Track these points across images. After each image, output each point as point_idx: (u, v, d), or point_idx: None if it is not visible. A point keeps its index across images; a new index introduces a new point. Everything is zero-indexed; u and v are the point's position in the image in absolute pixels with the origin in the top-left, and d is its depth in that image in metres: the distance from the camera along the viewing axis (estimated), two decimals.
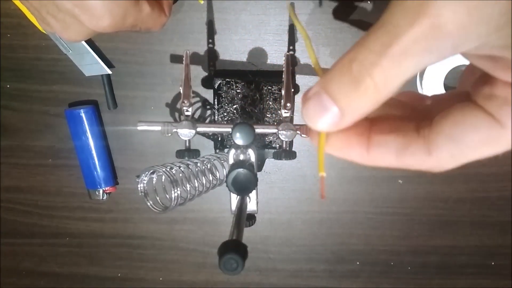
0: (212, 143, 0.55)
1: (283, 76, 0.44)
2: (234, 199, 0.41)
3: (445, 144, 0.19)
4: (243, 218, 0.34)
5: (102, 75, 0.54)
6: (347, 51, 0.18)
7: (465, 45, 0.16)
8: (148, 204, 0.44)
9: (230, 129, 0.39)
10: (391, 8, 0.16)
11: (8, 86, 0.56)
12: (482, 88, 0.18)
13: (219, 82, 0.51)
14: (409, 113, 0.22)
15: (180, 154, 0.43)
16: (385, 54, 0.16)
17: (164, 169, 0.42)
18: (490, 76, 0.18)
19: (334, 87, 0.18)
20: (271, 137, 0.53)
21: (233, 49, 0.53)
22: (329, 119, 0.18)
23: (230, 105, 0.52)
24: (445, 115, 0.19)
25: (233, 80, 0.51)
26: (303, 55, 0.53)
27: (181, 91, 0.43)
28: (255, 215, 0.43)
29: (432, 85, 0.51)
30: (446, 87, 0.51)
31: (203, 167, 0.47)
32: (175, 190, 0.42)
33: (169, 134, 0.42)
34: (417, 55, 0.16)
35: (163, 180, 0.43)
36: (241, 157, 0.40)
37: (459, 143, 0.18)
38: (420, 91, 0.53)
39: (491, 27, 0.16)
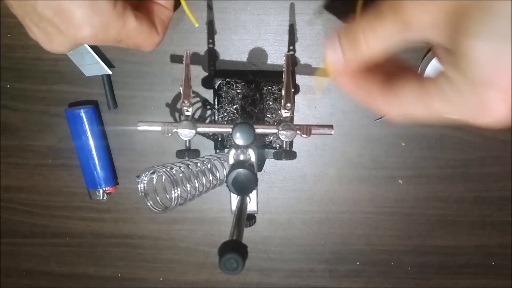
0: (212, 143, 0.55)
1: (283, 76, 0.44)
2: (234, 199, 0.41)
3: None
4: (243, 218, 0.34)
5: (102, 75, 0.54)
6: (357, 18, 0.27)
7: (424, 37, 0.25)
8: (148, 204, 0.44)
9: (230, 129, 0.39)
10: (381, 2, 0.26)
11: (8, 86, 0.56)
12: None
13: (219, 82, 0.51)
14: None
15: (180, 154, 0.43)
16: (376, 27, 0.26)
17: (164, 169, 0.42)
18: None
19: (342, 38, 0.28)
20: (271, 137, 0.53)
21: (233, 49, 0.53)
22: (335, 57, 0.28)
23: (230, 105, 0.52)
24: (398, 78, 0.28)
25: (233, 80, 0.51)
26: (303, 55, 0.53)
27: (181, 91, 0.43)
28: (255, 215, 0.43)
29: None
30: None
31: (203, 167, 0.47)
32: (175, 190, 0.42)
33: (169, 134, 0.42)
34: (391, 35, 0.26)
35: (163, 180, 0.43)
36: (241, 157, 0.40)
37: (399, 97, 0.28)
38: None
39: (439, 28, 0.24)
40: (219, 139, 0.53)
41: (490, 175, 0.57)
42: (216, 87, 0.51)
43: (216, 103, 0.52)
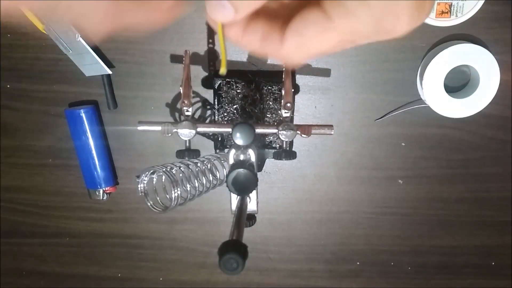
0: (212, 143, 0.55)
1: (283, 76, 0.44)
2: (234, 199, 0.41)
3: (291, 36, 0.23)
4: (243, 218, 0.34)
5: (102, 75, 0.54)
6: None
7: None
8: (148, 204, 0.44)
9: (230, 129, 0.39)
10: None
11: (8, 86, 0.56)
12: None
13: (219, 82, 0.51)
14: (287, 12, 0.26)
15: (180, 154, 0.43)
16: None
17: (164, 169, 0.42)
18: None
19: None
20: (271, 137, 0.53)
21: (233, 49, 0.53)
22: (227, 14, 0.23)
23: (230, 105, 0.52)
24: (297, 14, 0.23)
25: (233, 80, 0.51)
26: None
27: (181, 91, 0.43)
28: (255, 215, 0.43)
29: (432, 85, 0.51)
30: (446, 87, 0.51)
31: (203, 167, 0.47)
32: (175, 190, 0.42)
33: (169, 134, 0.42)
34: None
35: (163, 180, 0.43)
36: (241, 157, 0.40)
37: (301, 35, 0.23)
38: (420, 91, 0.53)
39: None
40: (219, 139, 0.53)
41: (490, 176, 0.57)
42: (216, 87, 0.51)
43: (216, 103, 0.52)
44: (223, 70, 0.26)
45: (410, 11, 0.22)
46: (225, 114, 0.52)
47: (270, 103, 0.52)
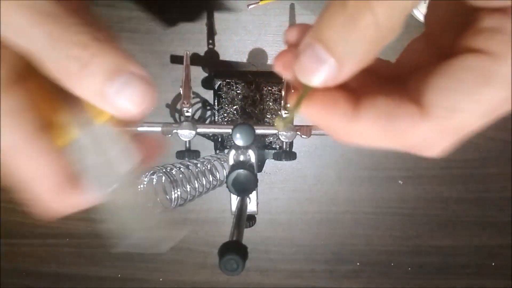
0: (212, 143, 0.55)
1: (283, 76, 0.44)
2: (234, 199, 0.41)
3: (439, 96, 0.16)
4: (243, 219, 0.34)
5: None
6: None
7: None
8: (148, 205, 0.44)
9: (230, 130, 0.39)
10: None
11: None
12: (467, 31, 0.17)
13: (219, 82, 0.51)
14: (381, 81, 0.19)
15: (180, 155, 0.43)
16: None
17: (164, 170, 0.42)
18: (471, 16, 0.17)
19: (327, 34, 0.15)
20: (271, 138, 0.53)
21: (233, 49, 0.53)
22: (326, 72, 0.16)
23: (230, 105, 0.52)
24: (433, 69, 0.17)
25: (233, 80, 0.51)
26: None
27: (181, 92, 0.43)
28: (255, 215, 0.43)
29: None
30: None
31: (203, 168, 0.47)
32: (175, 191, 0.42)
33: (169, 135, 0.42)
34: None
35: (163, 181, 0.43)
36: (241, 158, 0.40)
37: (454, 90, 0.16)
38: None
39: None
40: (219, 139, 0.53)
41: (490, 176, 0.57)
42: (216, 88, 0.51)
43: (216, 103, 0.52)
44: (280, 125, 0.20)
45: None
46: (225, 114, 0.52)
47: (270, 103, 0.52)
